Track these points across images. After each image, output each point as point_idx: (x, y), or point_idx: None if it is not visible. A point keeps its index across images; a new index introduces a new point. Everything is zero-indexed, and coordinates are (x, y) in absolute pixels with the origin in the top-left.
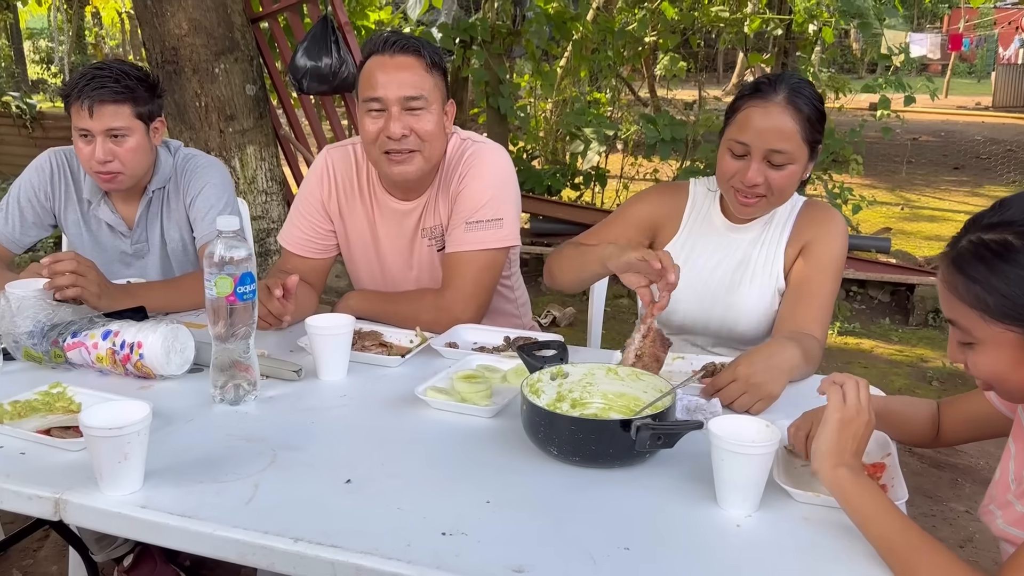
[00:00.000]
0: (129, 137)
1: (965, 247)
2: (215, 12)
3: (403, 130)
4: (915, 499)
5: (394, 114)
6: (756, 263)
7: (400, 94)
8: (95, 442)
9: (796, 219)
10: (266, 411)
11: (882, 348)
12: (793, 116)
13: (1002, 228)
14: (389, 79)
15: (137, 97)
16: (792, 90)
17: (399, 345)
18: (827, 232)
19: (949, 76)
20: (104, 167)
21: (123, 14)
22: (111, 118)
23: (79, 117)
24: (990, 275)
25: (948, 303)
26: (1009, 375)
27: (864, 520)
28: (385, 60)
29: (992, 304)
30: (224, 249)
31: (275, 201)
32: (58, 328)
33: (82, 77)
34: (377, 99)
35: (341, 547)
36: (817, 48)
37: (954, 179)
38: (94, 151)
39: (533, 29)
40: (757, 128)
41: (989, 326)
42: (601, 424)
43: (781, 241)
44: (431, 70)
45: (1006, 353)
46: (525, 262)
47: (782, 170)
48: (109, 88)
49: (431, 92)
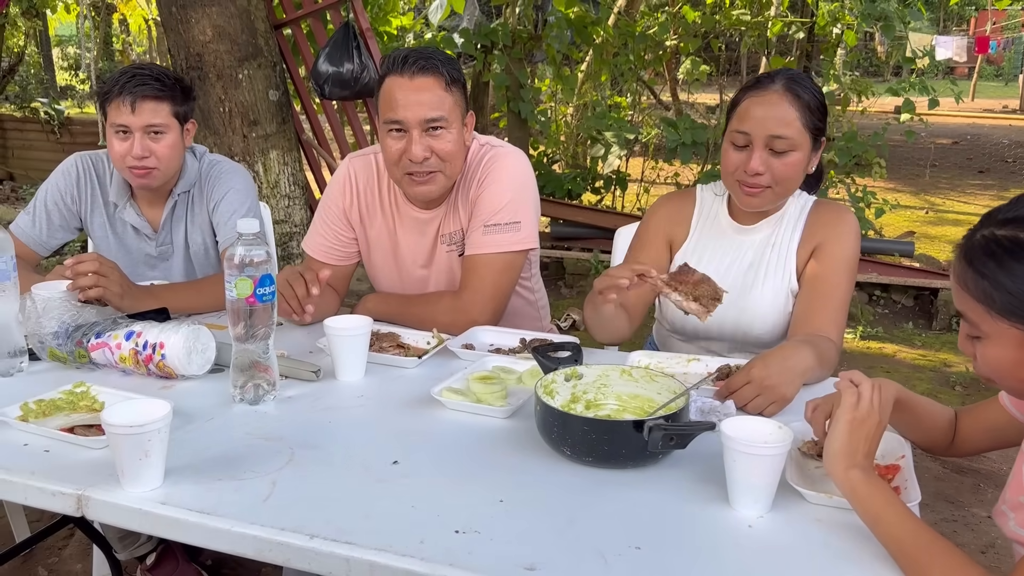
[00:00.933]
0: (166, 134)
1: (978, 241)
2: (239, 19)
3: (425, 152)
4: (937, 504)
5: (415, 137)
6: (768, 265)
7: (421, 117)
8: (117, 440)
9: (807, 219)
10: (285, 411)
11: (905, 353)
12: (792, 103)
13: (1015, 224)
14: (409, 102)
15: (175, 96)
16: (789, 79)
17: (416, 346)
18: (839, 232)
19: (976, 79)
20: (140, 163)
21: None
22: (151, 114)
23: (119, 113)
24: (999, 271)
25: (958, 296)
26: (1012, 372)
27: (876, 521)
28: (404, 82)
29: (998, 300)
30: (244, 251)
31: (297, 205)
32: (82, 329)
33: (123, 74)
34: (398, 122)
35: (356, 544)
36: (841, 51)
37: (979, 183)
38: (131, 146)
39: (554, 34)
40: (757, 116)
41: (995, 321)
42: (614, 425)
43: (793, 242)
44: (450, 87)
45: (1009, 349)
46: (545, 266)
47: (785, 157)
48: (151, 85)
49: (451, 110)
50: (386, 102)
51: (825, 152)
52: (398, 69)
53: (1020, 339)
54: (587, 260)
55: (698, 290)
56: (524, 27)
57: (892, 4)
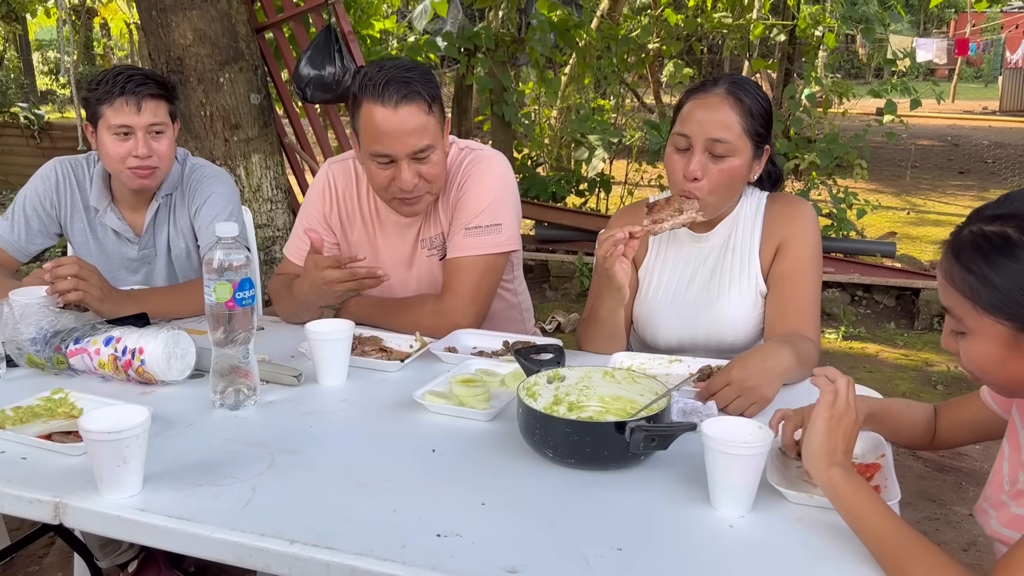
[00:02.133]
0: (166, 134)
1: (966, 237)
2: (220, 22)
3: (415, 180)
4: (919, 503)
5: (404, 167)
6: (731, 270)
7: (410, 149)
8: (95, 446)
9: (764, 217)
10: (265, 416)
11: (887, 352)
12: (733, 106)
13: (1003, 221)
14: (397, 135)
15: (171, 96)
16: (733, 83)
17: (399, 350)
18: (799, 227)
19: (956, 81)
20: (144, 162)
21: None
22: (153, 113)
23: (121, 114)
24: (985, 267)
25: (944, 291)
26: (996, 368)
27: (856, 519)
28: (388, 113)
29: (984, 296)
30: (223, 255)
31: (280, 209)
32: (61, 335)
33: (119, 75)
34: (387, 155)
35: (336, 548)
36: (822, 53)
37: (960, 183)
38: (134, 146)
39: (537, 37)
40: (697, 119)
41: (980, 317)
42: (596, 426)
43: (753, 243)
44: (431, 108)
45: (994, 346)
46: (530, 268)
47: (723, 162)
48: (151, 84)
49: (435, 132)
50: (370, 133)
51: (807, 153)
52: (378, 97)
53: (1004, 335)
54: (572, 262)
55: (672, 205)
56: (507, 30)
57: (873, 7)
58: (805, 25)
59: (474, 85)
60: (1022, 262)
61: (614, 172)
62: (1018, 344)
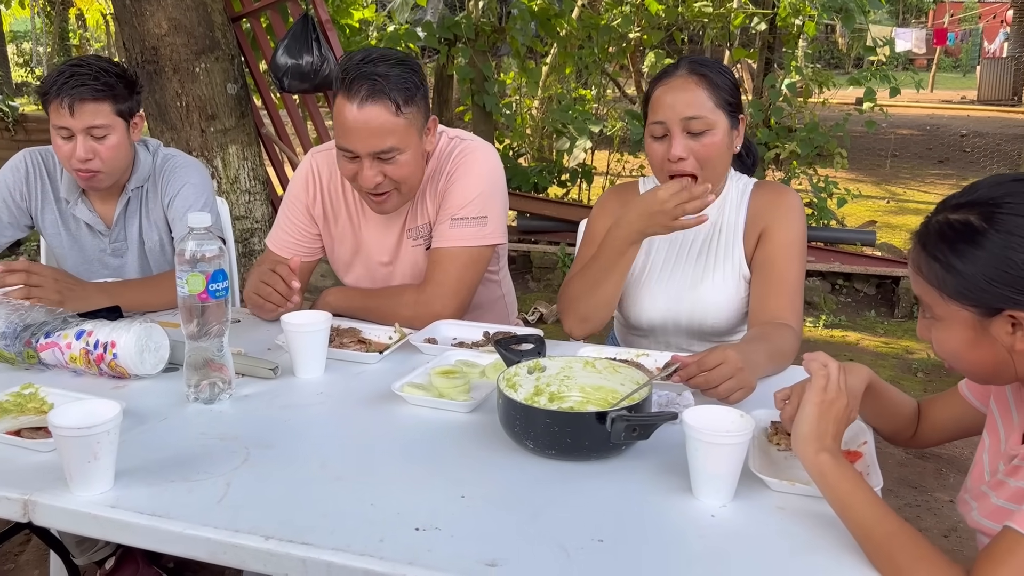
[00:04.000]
0: (110, 135)
1: (932, 226)
2: (195, 11)
3: (377, 178)
4: (900, 490)
5: (366, 164)
6: (717, 252)
7: (370, 149)
8: (64, 442)
9: (749, 202)
10: (241, 409)
11: (868, 340)
12: (699, 83)
13: (967, 208)
14: (358, 133)
15: (117, 94)
16: (692, 63)
17: (378, 341)
18: (783, 214)
19: (935, 70)
20: (84, 165)
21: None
22: (91, 116)
23: (59, 115)
24: (950, 255)
25: (914, 280)
26: (964, 354)
27: (843, 506)
28: (353, 110)
29: (950, 283)
30: (195, 246)
31: (258, 201)
32: (31, 328)
33: (60, 75)
34: (348, 150)
35: (312, 544)
36: (803, 43)
37: (939, 172)
38: (74, 149)
39: (518, 26)
40: (668, 103)
41: (948, 304)
42: (576, 417)
43: (738, 228)
44: (401, 111)
45: (962, 332)
46: (512, 259)
47: (704, 138)
48: (89, 86)
49: (403, 134)
50: (338, 125)
51: (787, 143)
52: (347, 91)
53: (971, 321)
54: (554, 253)
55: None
56: (488, 20)
57: None
58: (785, 14)
59: (455, 75)
60: (985, 248)
61: (596, 163)
62: (984, 329)
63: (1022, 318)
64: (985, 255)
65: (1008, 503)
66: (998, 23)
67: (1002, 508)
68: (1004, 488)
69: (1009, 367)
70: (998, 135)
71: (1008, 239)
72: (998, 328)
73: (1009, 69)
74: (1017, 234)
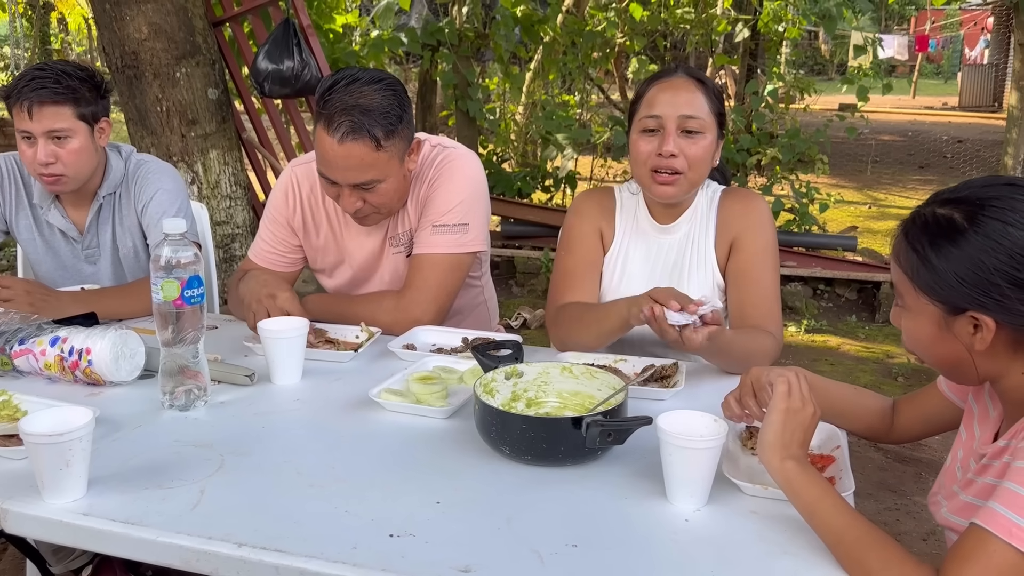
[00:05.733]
0: (71, 139)
1: (918, 217)
2: (175, 16)
3: (357, 203)
4: (879, 494)
5: (346, 192)
6: (690, 264)
7: (350, 181)
8: (36, 449)
9: (718, 211)
10: (216, 416)
11: (849, 345)
12: (697, 87)
13: (953, 205)
14: (338, 166)
15: (79, 98)
16: (689, 70)
17: (345, 341)
18: (754, 223)
19: (916, 77)
20: (47, 169)
21: (89, 20)
22: (52, 119)
23: (20, 119)
24: (929, 248)
25: (892, 266)
26: (928, 347)
27: (812, 512)
28: (333, 144)
29: (922, 276)
30: (170, 252)
31: (239, 206)
32: (5, 335)
33: (22, 78)
34: (328, 178)
35: (285, 551)
36: (785, 50)
37: (920, 178)
38: (36, 153)
39: (501, 32)
40: (667, 100)
41: (917, 296)
42: (552, 422)
43: (708, 237)
44: (382, 146)
45: (927, 325)
46: (496, 265)
47: (697, 140)
48: (49, 89)
49: (384, 167)
50: (318, 151)
51: (769, 148)
52: (327, 124)
53: (936, 316)
54: (537, 258)
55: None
56: (472, 25)
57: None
58: (767, 20)
59: (438, 81)
60: (961, 248)
61: (580, 168)
62: (948, 327)
63: (984, 321)
64: (960, 254)
65: (975, 499)
66: (979, 30)
67: (969, 504)
68: (973, 485)
69: (970, 367)
70: (979, 140)
71: (985, 242)
72: (960, 327)
73: (990, 76)
74: (994, 238)
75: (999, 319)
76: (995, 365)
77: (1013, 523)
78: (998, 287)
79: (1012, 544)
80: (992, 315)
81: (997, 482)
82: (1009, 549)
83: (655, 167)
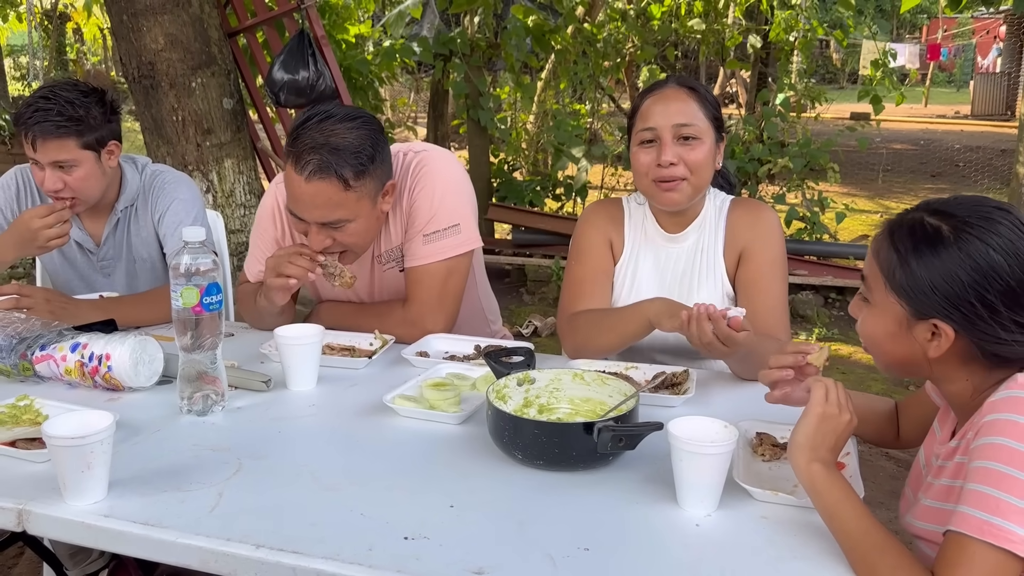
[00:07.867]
0: (77, 168)
1: (906, 220)
2: (191, 27)
3: (325, 242)
4: (891, 502)
5: (313, 230)
6: (700, 273)
7: (316, 219)
8: (58, 452)
9: (727, 221)
10: (234, 421)
11: (861, 354)
12: (690, 95)
13: (943, 217)
14: (304, 204)
15: (83, 128)
16: (680, 79)
17: (361, 348)
18: (761, 233)
19: (928, 85)
20: (56, 194)
21: (105, 30)
22: (55, 152)
23: (26, 147)
24: (910, 251)
25: (868, 260)
26: (882, 342)
27: (831, 515)
28: (300, 181)
29: (898, 277)
30: (190, 260)
31: (253, 214)
32: (27, 341)
33: (28, 107)
34: (296, 215)
35: (302, 553)
36: (797, 59)
37: (932, 187)
38: (44, 179)
39: (513, 42)
40: (660, 111)
41: (886, 294)
42: (564, 427)
43: (717, 247)
44: (351, 186)
45: (889, 322)
46: (507, 273)
47: (694, 146)
48: (52, 122)
49: (353, 207)
50: (287, 189)
51: (780, 158)
52: (295, 162)
53: (900, 316)
54: (549, 267)
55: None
56: (484, 35)
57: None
58: (779, 30)
59: (450, 90)
60: (941, 259)
61: (591, 176)
62: (909, 328)
63: (944, 330)
64: (939, 265)
65: (935, 502)
66: (991, 38)
67: (930, 508)
68: (931, 489)
69: (920, 367)
70: (991, 149)
71: (965, 259)
72: (920, 332)
73: (1002, 84)
74: (974, 257)
75: (960, 331)
76: (943, 370)
77: (985, 522)
78: (968, 303)
79: (991, 543)
80: (954, 326)
81: (952, 483)
82: (990, 549)
83: (656, 177)
